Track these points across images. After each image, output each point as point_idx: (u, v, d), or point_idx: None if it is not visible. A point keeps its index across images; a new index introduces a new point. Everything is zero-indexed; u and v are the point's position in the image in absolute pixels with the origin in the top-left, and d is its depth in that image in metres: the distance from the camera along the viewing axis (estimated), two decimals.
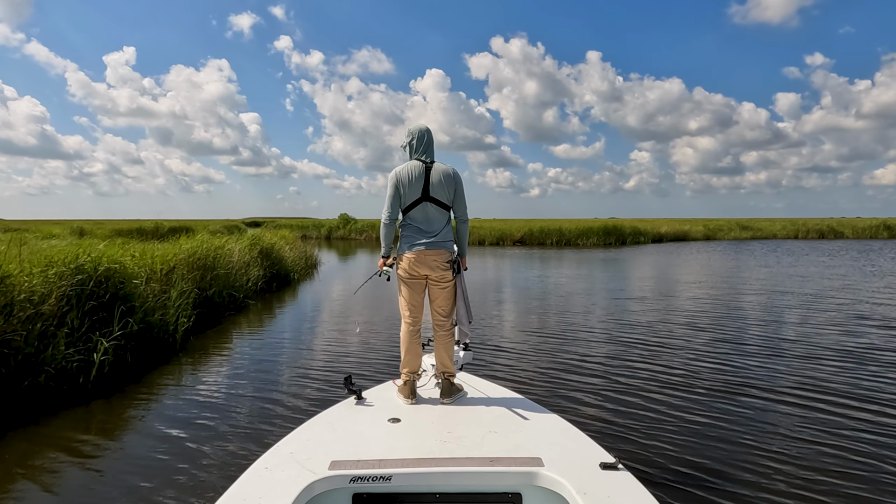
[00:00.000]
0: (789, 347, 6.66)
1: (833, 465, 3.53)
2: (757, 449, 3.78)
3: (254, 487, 2.02)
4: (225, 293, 9.09)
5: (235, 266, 10.67)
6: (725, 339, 7.18)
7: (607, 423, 4.24)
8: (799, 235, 39.84)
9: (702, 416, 4.40)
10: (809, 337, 7.20)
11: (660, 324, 8.20)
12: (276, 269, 12.69)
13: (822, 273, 15.35)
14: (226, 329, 8.03)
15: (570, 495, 1.99)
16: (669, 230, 37.64)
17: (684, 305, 9.98)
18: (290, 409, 4.63)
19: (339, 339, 7.37)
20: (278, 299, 11.15)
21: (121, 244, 7.80)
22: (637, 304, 10.25)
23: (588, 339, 7.23)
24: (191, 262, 8.58)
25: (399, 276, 3.27)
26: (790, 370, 5.66)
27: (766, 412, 4.48)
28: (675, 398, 4.82)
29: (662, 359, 6.16)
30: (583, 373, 5.64)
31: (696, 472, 3.43)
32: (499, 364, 6.00)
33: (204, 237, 9.82)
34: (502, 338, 7.39)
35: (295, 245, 16.41)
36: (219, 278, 9.13)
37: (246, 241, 12.23)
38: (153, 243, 10.43)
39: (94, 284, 5.74)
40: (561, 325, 8.27)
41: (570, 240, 32.49)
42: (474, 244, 33.01)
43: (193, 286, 7.99)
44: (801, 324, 8.10)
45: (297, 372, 5.74)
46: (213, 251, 9.58)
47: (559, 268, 17.96)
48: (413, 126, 3.27)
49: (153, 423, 4.40)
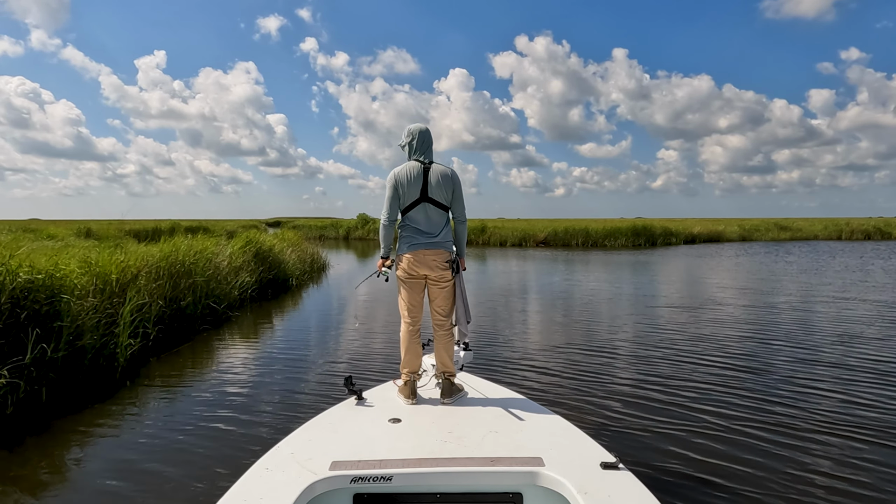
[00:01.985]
0: (816, 356, 6.25)
1: (834, 465, 3.51)
2: (758, 449, 3.74)
3: (254, 488, 2.01)
4: (202, 304, 7.97)
5: (223, 271, 9.57)
6: (733, 341, 7.00)
7: (608, 423, 4.22)
8: (843, 236, 37.34)
9: (703, 415, 4.38)
10: (838, 347, 6.59)
11: (667, 326, 8.00)
12: (273, 273, 11.58)
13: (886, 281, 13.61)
14: (197, 348, 6.89)
15: (571, 495, 1.98)
16: (702, 230, 35.63)
17: (700, 309, 9.49)
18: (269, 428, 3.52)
19: (333, 352, 6.21)
20: (272, 308, 10.01)
21: (55, 250, 6.71)
22: (648, 306, 9.89)
23: (589, 340, 7.17)
24: (162, 269, 7.48)
25: (398, 276, 3.25)
26: (801, 376, 5.48)
27: (767, 412, 4.45)
28: (675, 398, 4.80)
29: (663, 359, 6.11)
30: (583, 372, 5.61)
31: (697, 472, 3.41)
32: (499, 364, 5.94)
33: (179, 239, 8.71)
34: (503, 338, 7.32)
35: (299, 246, 15.30)
36: (197, 286, 8.02)
37: (238, 243, 11.14)
38: (138, 246, 9.43)
39: (8, 299, 4.64)
40: (562, 325, 8.25)
41: (596, 241, 30.76)
42: (496, 245, 31.61)
43: (159, 297, 6.88)
44: (836, 336, 6.88)
45: (269, 404, 4.56)
46: (193, 255, 8.48)
47: (583, 272, 16.48)
48: (413, 126, 3.23)
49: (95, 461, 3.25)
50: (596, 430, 4.01)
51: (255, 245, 11.42)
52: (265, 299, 10.84)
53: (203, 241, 10.09)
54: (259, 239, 12.00)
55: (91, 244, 10.21)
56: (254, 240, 11.64)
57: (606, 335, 7.41)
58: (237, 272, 10.28)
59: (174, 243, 8.33)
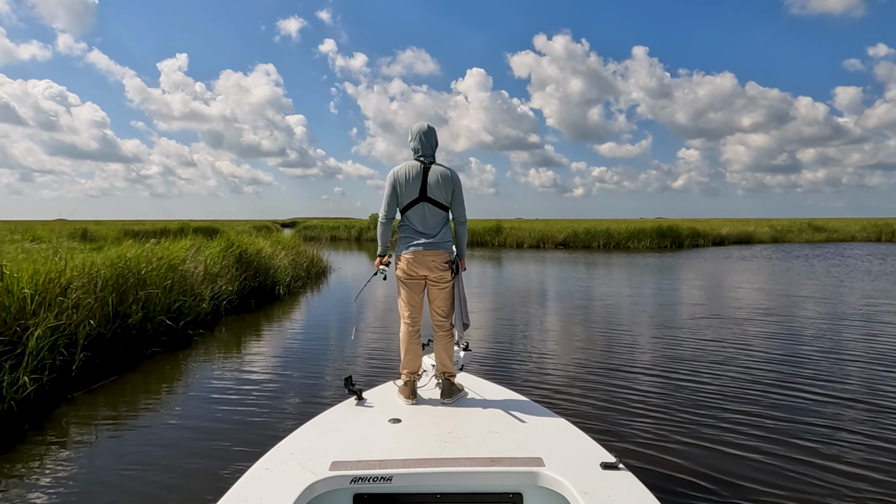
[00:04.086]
0: (837, 372, 5.74)
1: (834, 465, 3.48)
2: (758, 450, 3.70)
3: (254, 488, 2.00)
4: (155, 321, 6.72)
5: (196, 280, 8.35)
6: (739, 344, 6.91)
7: (608, 423, 4.18)
8: (882, 238, 35.11)
9: (703, 415, 4.34)
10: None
11: (674, 329, 7.89)
12: (258, 280, 10.33)
13: None
14: (151, 369, 5.63)
15: (571, 495, 1.99)
16: (731, 231, 33.71)
17: (712, 314, 9.15)
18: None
19: (315, 372, 4.91)
20: (253, 321, 8.76)
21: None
22: (657, 310, 9.64)
23: (589, 340, 7.15)
24: (107, 279, 6.26)
25: (398, 276, 3.24)
26: (807, 380, 5.42)
27: (768, 412, 4.41)
28: (676, 398, 4.78)
29: (665, 360, 6.09)
30: (584, 373, 5.60)
31: (697, 472, 3.38)
32: (499, 365, 5.92)
33: (126, 245, 7.49)
34: (504, 338, 7.26)
35: (295, 249, 14.06)
36: (152, 299, 6.78)
37: (218, 247, 9.92)
38: (90, 252, 8.27)
39: None
40: (563, 325, 8.27)
41: (619, 242, 29.09)
42: (511, 247, 30.11)
43: (88, 316, 5.64)
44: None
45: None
46: (156, 262, 7.26)
47: (602, 275, 14.96)
48: (416, 125, 3.21)
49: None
50: (596, 431, 3.95)
51: (237, 248, 10.18)
52: (248, 310, 9.58)
53: (176, 245, 8.89)
54: (243, 241, 10.77)
55: (46, 248, 9.06)
56: (236, 242, 10.41)
57: (609, 336, 7.34)
58: (215, 279, 9.07)
59: (122, 248, 7.10)
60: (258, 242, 11.56)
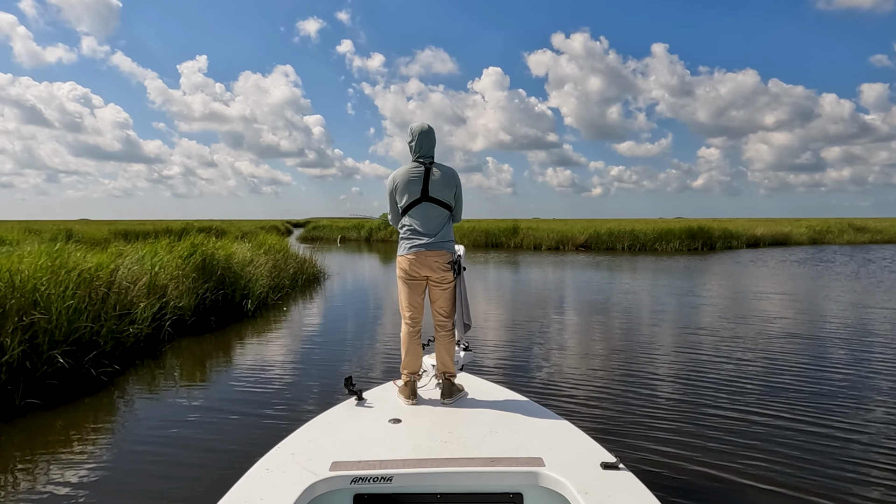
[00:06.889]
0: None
1: (834, 467, 3.43)
2: (758, 450, 3.68)
3: (254, 489, 1.98)
4: (45, 357, 5.00)
5: (131, 295, 6.65)
6: (742, 344, 6.84)
7: (608, 423, 4.16)
8: None
9: (704, 415, 4.32)
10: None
11: (679, 331, 7.76)
12: (221, 292, 8.60)
13: None
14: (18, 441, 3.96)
15: (572, 495, 1.99)
16: (766, 232, 31.32)
17: (723, 318, 8.96)
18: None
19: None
20: (204, 346, 7.05)
21: None
22: (666, 311, 9.53)
23: (590, 341, 7.09)
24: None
25: (399, 276, 3.24)
26: (809, 382, 5.21)
27: (769, 412, 4.38)
28: (676, 398, 4.75)
29: (665, 360, 6.03)
30: (584, 373, 5.53)
31: (698, 472, 3.36)
32: (500, 365, 5.84)
33: (32, 246, 5.79)
34: (504, 338, 7.17)
35: (280, 253, 12.34)
36: (51, 325, 5.07)
37: (175, 253, 8.21)
38: None
39: None
40: (564, 326, 8.20)
41: (645, 244, 26.97)
42: (529, 249, 28.10)
43: None
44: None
45: None
46: (61, 274, 5.56)
47: (628, 279, 12.98)
48: (415, 125, 3.20)
49: None
50: (596, 431, 3.88)
51: (200, 254, 8.46)
52: (206, 330, 7.87)
53: (109, 252, 7.21)
54: (209, 245, 9.05)
55: None
56: (200, 246, 8.70)
57: (610, 337, 7.33)
58: (163, 292, 7.37)
59: (12, 259, 5.40)
60: (228, 246, 9.82)
